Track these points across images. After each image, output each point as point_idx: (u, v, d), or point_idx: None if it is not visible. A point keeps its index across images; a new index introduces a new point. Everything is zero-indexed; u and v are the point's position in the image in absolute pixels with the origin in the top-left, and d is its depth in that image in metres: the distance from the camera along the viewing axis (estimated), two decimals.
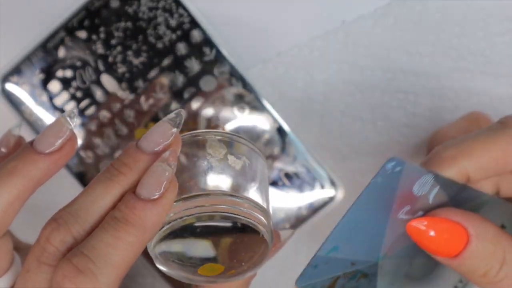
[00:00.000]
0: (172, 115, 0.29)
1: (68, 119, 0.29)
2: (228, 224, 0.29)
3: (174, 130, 0.29)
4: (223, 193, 0.29)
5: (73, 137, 0.29)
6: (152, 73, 0.41)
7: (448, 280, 0.36)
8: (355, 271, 0.32)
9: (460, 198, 0.31)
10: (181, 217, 0.28)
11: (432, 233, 0.29)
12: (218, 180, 0.29)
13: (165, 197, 0.28)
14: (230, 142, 0.31)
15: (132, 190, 0.28)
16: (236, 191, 0.29)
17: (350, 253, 0.32)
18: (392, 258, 0.33)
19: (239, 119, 0.41)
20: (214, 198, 0.29)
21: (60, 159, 0.29)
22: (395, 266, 0.33)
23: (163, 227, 0.28)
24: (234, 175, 0.30)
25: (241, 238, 0.30)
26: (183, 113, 0.30)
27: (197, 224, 0.28)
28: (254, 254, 0.30)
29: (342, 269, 0.32)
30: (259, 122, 0.41)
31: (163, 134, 0.29)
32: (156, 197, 0.27)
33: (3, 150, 0.32)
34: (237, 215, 0.29)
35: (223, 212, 0.29)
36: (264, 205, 0.30)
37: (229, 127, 0.41)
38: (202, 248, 0.30)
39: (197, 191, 0.29)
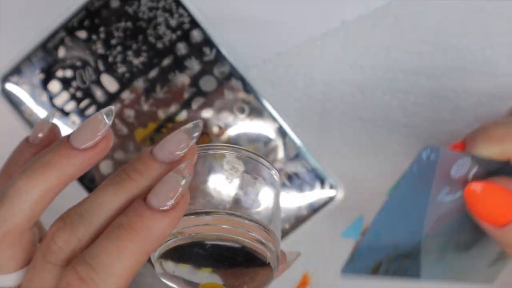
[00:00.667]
0: (189, 125, 0.28)
1: (105, 116, 0.29)
2: (235, 245, 0.28)
3: (191, 141, 0.28)
4: (234, 214, 0.28)
5: (109, 135, 0.29)
6: (152, 73, 0.41)
7: (486, 255, 0.37)
8: (398, 254, 0.33)
9: (500, 174, 0.32)
10: (189, 234, 0.28)
11: (486, 197, 0.29)
12: (231, 199, 0.29)
13: (175, 210, 0.27)
14: (248, 160, 0.30)
15: (143, 197, 0.27)
16: (248, 213, 0.29)
17: (392, 238, 0.32)
18: (434, 238, 0.34)
19: (238, 119, 0.41)
20: (224, 218, 0.28)
21: (94, 156, 0.29)
22: (437, 245, 0.34)
23: (169, 239, 0.28)
24: (248, 196, 0.29)
25: (247, 261, 0.29)
26: (201, 124, 0.29)
27: (204, 242, 0.28)
28: (258, 278, 0.30)
29: (386, 253, 0.33)
30: (259, 122, 0.41)
31: (178, 144, 0.28)
32: (166, 208, 0.26)
33: (39, 135, 0.31)
34: (246, 239, 0.28)
35: (232, 234, 0.28)
36: (275, 229, 0.30)
37: (229, 127, 0.41)
38: (206, 265, 0.29)
39: (208, 208, 0.28)
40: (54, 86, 0.42)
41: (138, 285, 0.44)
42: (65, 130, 0.42)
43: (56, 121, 0.42)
